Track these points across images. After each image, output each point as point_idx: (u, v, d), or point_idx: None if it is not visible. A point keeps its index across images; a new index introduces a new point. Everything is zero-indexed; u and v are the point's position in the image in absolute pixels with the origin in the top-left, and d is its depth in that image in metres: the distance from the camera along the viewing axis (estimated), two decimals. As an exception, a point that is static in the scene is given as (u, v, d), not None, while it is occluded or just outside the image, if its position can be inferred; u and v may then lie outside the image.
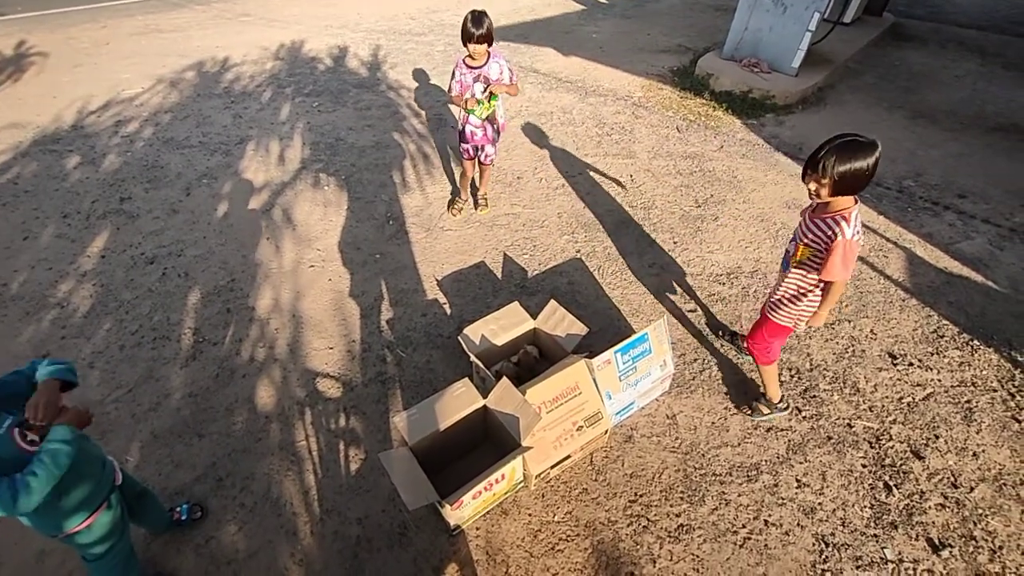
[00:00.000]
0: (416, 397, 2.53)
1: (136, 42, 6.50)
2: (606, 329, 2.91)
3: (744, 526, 2.12)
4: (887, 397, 2.61)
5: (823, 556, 2.03)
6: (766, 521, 2.14)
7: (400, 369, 2.70)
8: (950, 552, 2.03)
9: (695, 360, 2.78)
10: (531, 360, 2.57)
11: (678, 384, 2.65)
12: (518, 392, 2.06)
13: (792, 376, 2.70)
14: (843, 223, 1.84)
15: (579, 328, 2.47)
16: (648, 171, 4.25)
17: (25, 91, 5.24)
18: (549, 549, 2.05)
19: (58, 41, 6.40)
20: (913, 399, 2.60)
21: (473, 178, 3.74)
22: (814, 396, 2.61)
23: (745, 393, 2.61)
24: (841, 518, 2.14)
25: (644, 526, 2.12)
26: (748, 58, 5.65)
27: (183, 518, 2.06)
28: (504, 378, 2.13)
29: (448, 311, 3.03)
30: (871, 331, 2.95)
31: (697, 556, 2.03)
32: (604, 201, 3.91)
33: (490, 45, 2.98)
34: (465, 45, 2.96)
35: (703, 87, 5.55)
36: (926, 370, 2.74)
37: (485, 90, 3.05)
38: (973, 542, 2.07)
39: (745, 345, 2.49)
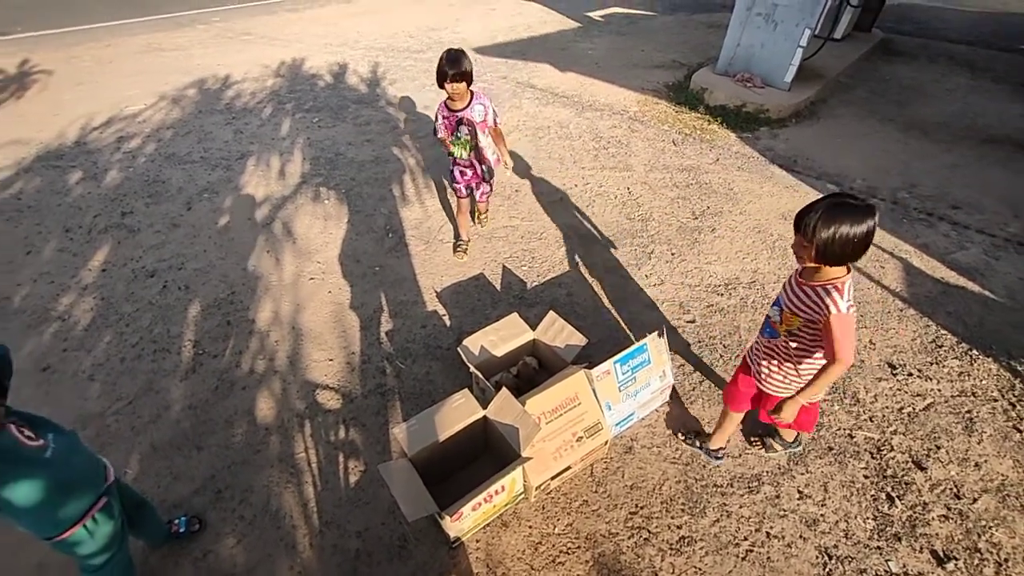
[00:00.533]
0: (415, 409, 2.52)
1: (139, 60, 6.59)
2: (605, 340, 2.92)
3: (746, 538, 2.10)
4: (887, 407, 2.61)
5: (827, 569, 2.01)
6: (768, 533, 2.12)
7: (399, 381, 2.70)
8: (955, 565, 2.01)
9: (694, 371, 2.78)
10: (530, 371, 2.57)
11: (677, 395, 2.65)
12: (518, 403, 2.06)
13: (792, 386, 2.70)
14: (835, 294, 1.58)
15: (578, 339, 2.47)
16: (645, 183, 4.29)
17: (28, 108, 5.30)
18: (550, 562, 2.03)
19: (61, 60, 6.49)
20: (913, 409, 2.60)
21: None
22: (814, 406, 2.61)
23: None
24: (844, 530, 2.13)
25: (645, 538, 2.10)
26: (741, 73, 5.75)
27: (181, 531, 2.04)
28: (504, 388, 2.13)
29: (447, 323, 3.03)
30: (870, 341, 2.96)
31: (699, 569, 2.02)
32: (602, 213, 3.94)
33: (470, 84, 2.82)
34: (442, 86, 2.79)
35: (698, 101, 5.64)
36: (926, 380, 2.74)
37: (469, 134, 2.93)
38: (978, 554, 2.05)
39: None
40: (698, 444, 2.39)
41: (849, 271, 1.63)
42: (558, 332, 2.52)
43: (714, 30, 8.15)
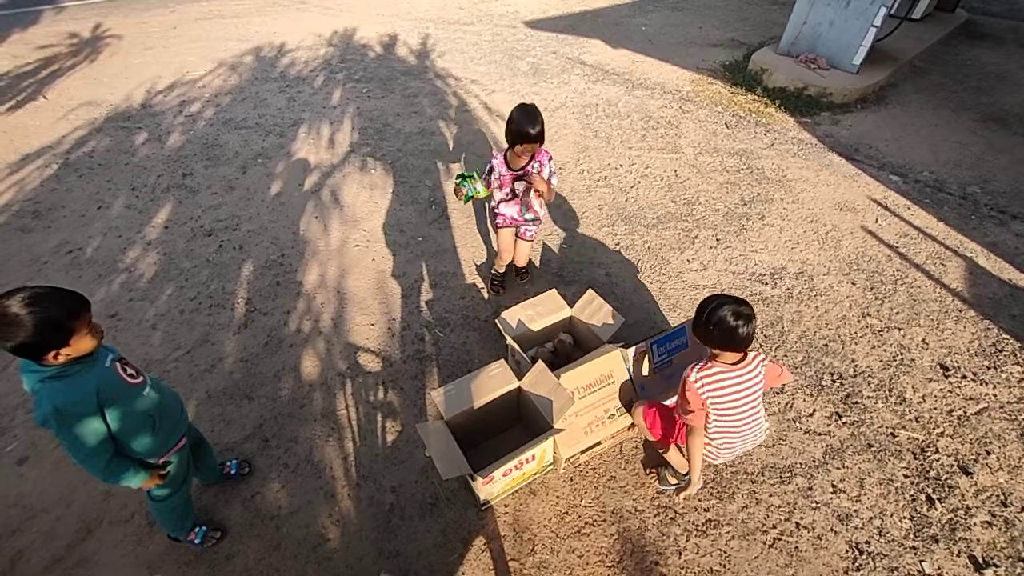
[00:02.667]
0: (451, 376, 2.60)
1: (201, 27, 6.81)
2: (642, 322, 2.90)
3: (775, 526, 2.10)
4: (936, 409, 2.51)
5: (856, 564, 1.99)
6: (798, 523, 2.10)
7: (437, 348, 2.78)
8: (994, 572, 1.95)
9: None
10: (567, 347, 2.60)
11: (713, 381, 2.62)
12: (553, 376, 2.10)
13: (834, 381, 2.63)
14: (695, 367, 1.81)
15: (615, 318, 2.47)
16: (693, 167, 4.17)
17: (101, 71, 5.59)
18: (575, 532, 2.08)
19: (131, 25, 6.77)
20: (964, 413, 2.49)
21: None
22: (856, 402, 2.53)
23: (781, 392, 2.56)
24: (878, 527, 2.09)
25: (671, 518, 2.12)
26: (805, 54, 5.45)
27: (232, 472, 2.20)
28: (540, 361, 2.17)
29: (485, 295, 3.08)
30: (923, 340, 2.83)
31: (724, 552, 2.03)
32: (646, 195, 3.87)
33: (542, 144, 2.42)
34: (512, 146, 2.39)
35: (756, 83, 5.39)
36: (981, 384, 2.62)
37: (525, 191, 2.60)
38: (1021, 563, 1.98)
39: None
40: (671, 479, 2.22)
41: (738, 363, 1.78)
42: (596, 311, 2.52)
43: (778, 7, 7.71)
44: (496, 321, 2.52)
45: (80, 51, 6.00)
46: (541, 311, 2.56)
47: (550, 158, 2.56)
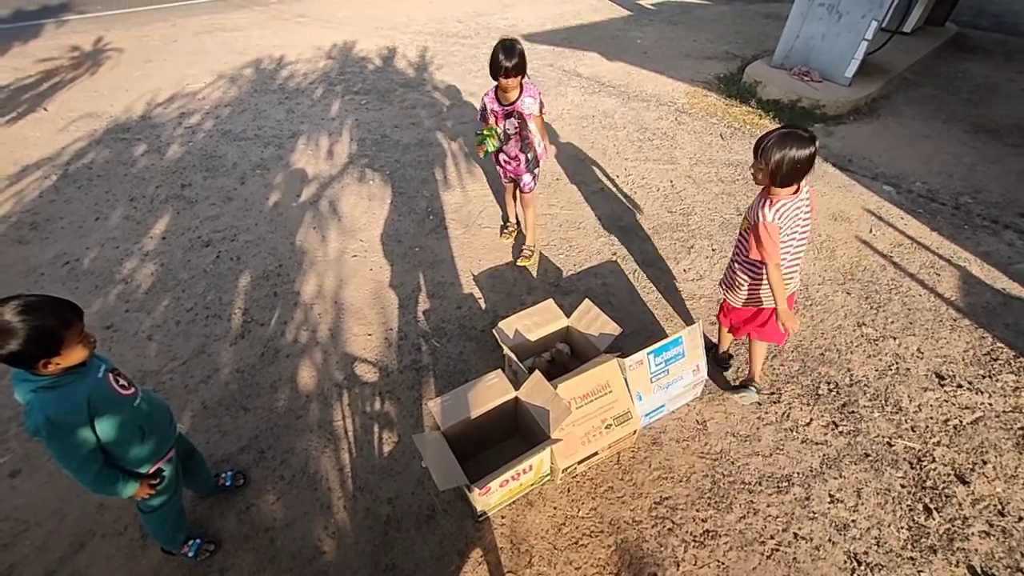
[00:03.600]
0: (448, 386, 2.60)
1: (201, 40, 6.88)
2: (639, 332, 2.91)
3: (772, 537, 2.09)
4: (932, 418, 2.52)
5: (855, 574, 1.98)
6: (795, 534, 2.10)
7: (434, 358, 2.78)
8: (993, 582, 1.95)
9: (729, 368, 2.74)
10: (564, 357, 2.60)
11: (710, 390, 2.63)
12: (550, 385, 2.10)
13: (831, 390, 2.64)
14: (767, 207, 1.95)
15: (612, 328, 2.48)
16: (689, 177, 4.21)
17: (101, 83, 5.64)
18: (573, 543, 2.07)
19: (132, 38, 6.84)
20: (960, 422, 2.50)
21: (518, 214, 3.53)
22: (852, 412, 2.54)
23: (779, 401, 2.57)
24: (876, 537, 2.08)
25: (669, 528, 2.11)
26: (799, 66, 5.53)
27: (227, 484, 2.18)
28: (536, 371, 2.17)
29: (483, 305, 3.09)
30: (918, 349, 2.85)
31: (722, 563, 2.02)
32: (642, 206, 3.90)
33: (524, 76, 2.65)
34: (496, 79, 2.62)
35: (750, 95, 5.46)
36: (976, 393, 2.62)
37: (518, 126, 2.81)
38: (1020, 573, 1.97)
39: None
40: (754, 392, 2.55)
41: (796, 192, 1.96)
42: (592, 320, 2.53)
43: (771, 21, 7.83)
44: (493, 331, 2.53)
45: (81, 64, 6.06)
46: (538, 321, 2.56)
47: (539, 92, 2.75)
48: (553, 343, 2.64)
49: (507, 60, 2.52)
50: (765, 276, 2.07)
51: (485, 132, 2.77)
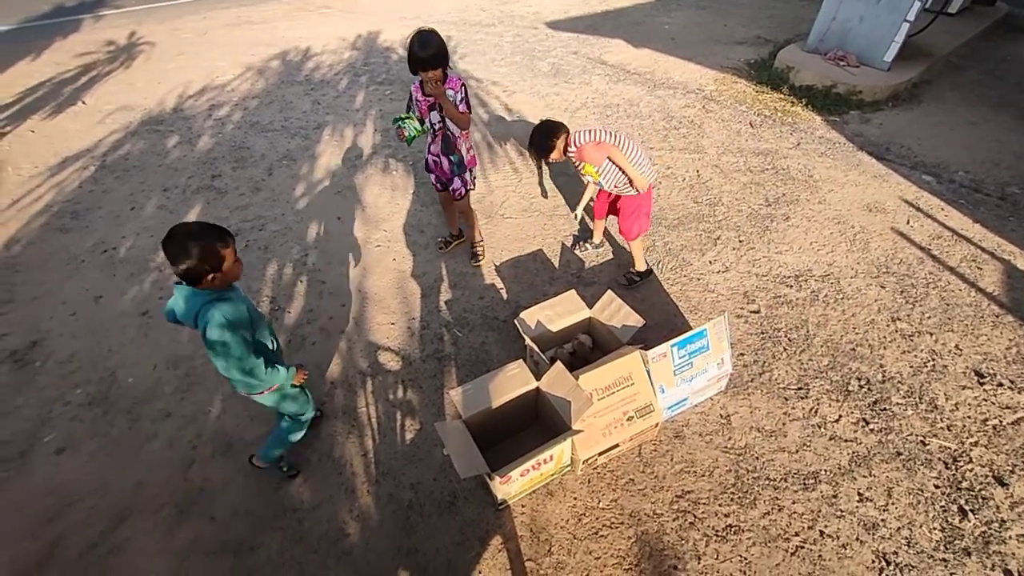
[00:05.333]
0: (470, 375, 2.62)
1: (230, 32, 7.00)
2: (662, 324, 2.88)
3: (797, 534, 2.05)
4: (969, 417, 2.42)
5: (883, 574, 1.93)
6: (822, 532, 2.06)
7: (456, 348, 2.80)
8: (1031, 587, 1.87)
9: (755, 362, 2.69)
10: (585, 349, 2.59)
11: (735, 384, 2.58)
12: (571, 377, 2.09)
13: (861, 387, 2.56)
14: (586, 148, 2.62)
15: (635, 320, 2.46)
16: (716, 167, 4.11)
17: (135, 77, 5.79)
18: (592, 533, 2.08)
19: (164, 32, 7.00)
20: (1000, 422, 2.40)
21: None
22: (884, 409, 2.46)
23: (806, 396, 2.51)
24: (906, 537, 2.03)
25: (690, 522, 2.10)
26: (834, 50, 5.31)
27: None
28: (558, 362, 2.17)
29: (504, 296, 3.09)
30: (956, 346, 2.74)
31: (745, 558, 1.99)
32: (667, 196, 3.83)
33: (445, 68, 2.51)
34: (414, 72, 2.50)
35: (782, 81, 5.28)
36: (1018, 392, 2.51)
37: (441, 121, 2.70)
38: (1060, 580, 1.90)
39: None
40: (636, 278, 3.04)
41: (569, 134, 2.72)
42: (615, 312, 2.51)
43: (806, 3, 7.53)
44: (515, 321, 2.53)
45: (116, 57, 6.23)
46: (560, 312, 2.55)
47: (463, 85, 2.64)
48: (575, 334, 2.63)
49: (422, 51, 2.39)
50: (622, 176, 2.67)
51: (403, 116, 2.61)
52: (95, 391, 2.62)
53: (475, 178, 3.08)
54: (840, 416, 2.44)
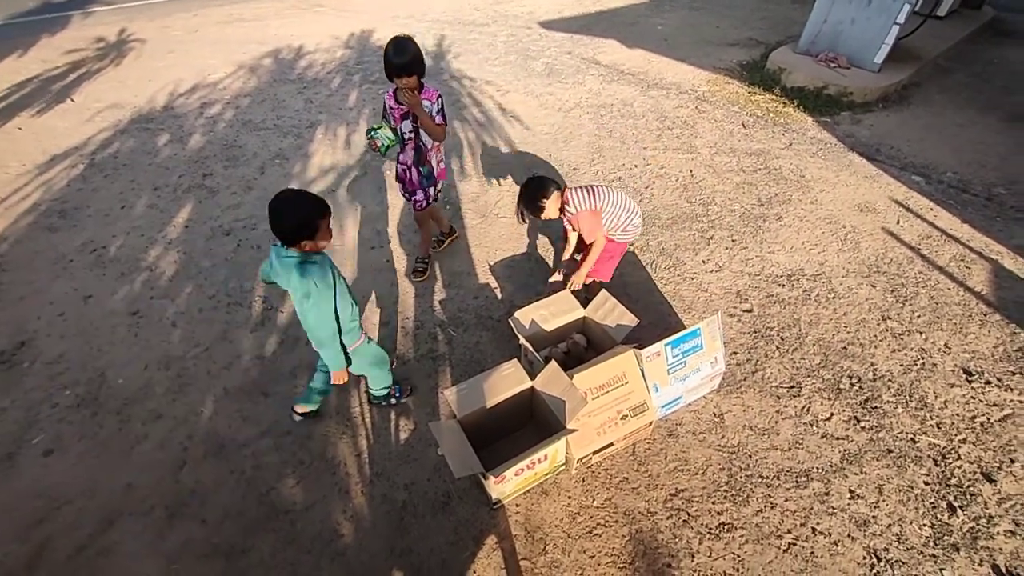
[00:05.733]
0: (464, 375, 2.61)
1: (221, 30, 6.94)
2: (656, 323, 2.89)
3: (790, 531, 2.07)
4: (958, 415, 2.45)
5: (874, 570, 1.95)
6: (814, 529, 2.07)
7: (450, 348, 2.79)
8: (1019, 582, 1.90)
9: (748, 360, 2.71)
10: (580, 349, 2.59)
11: (728, 383, 2.60)
12: (566, 376, 2.10)
13: (853, 385, 2.58)
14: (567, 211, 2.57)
15: (629, 319, 2.46)
16: (709, 167, 4.14)
17: (125, 74, 5.73)
18: (587, 532, 2.08)
19: (155, 29, 6.93)
20: (988, 419, 2.43)
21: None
22: (875, 407, 2.49)
23: (798, 395, 2.53)
24: (897, 534, 2.05)
25: (684, 520, 2.11)
26: (826, 52, 5.36)
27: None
28: (552, 361, 2.17)
29: (499, 295, 3.09)
30: (945, 345, 2.77)
31: (738, 556, 2.00)
32: (660, 195, 3.85)
33: (421, 76, 2.47)
34: (390, 80, 2.46)
35: (774, 82, 5.32)
36: (1006, 390, 2.55)
37: (413, 131, 2.65)
38: (1047, 574, 1.93)
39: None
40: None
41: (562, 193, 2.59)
42: (609, 311, 2.52)
43: (797, 5, 7.60)
44: (509, 321, 2.53)
45: (106, 55, 6.17)
46: (554, 311, 2.55)
47: (439, 96, 2.60)
48: (569, 333, 2.63)
49: (398, 58, 2.36)
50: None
51: (376, 126, 2.56)
52: (84, 392, 2.59)
53: (440, 192, 3.00)
54: (832, 414, 2.46)
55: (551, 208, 2.56)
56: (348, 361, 2.12)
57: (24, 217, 3.70)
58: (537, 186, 2.56)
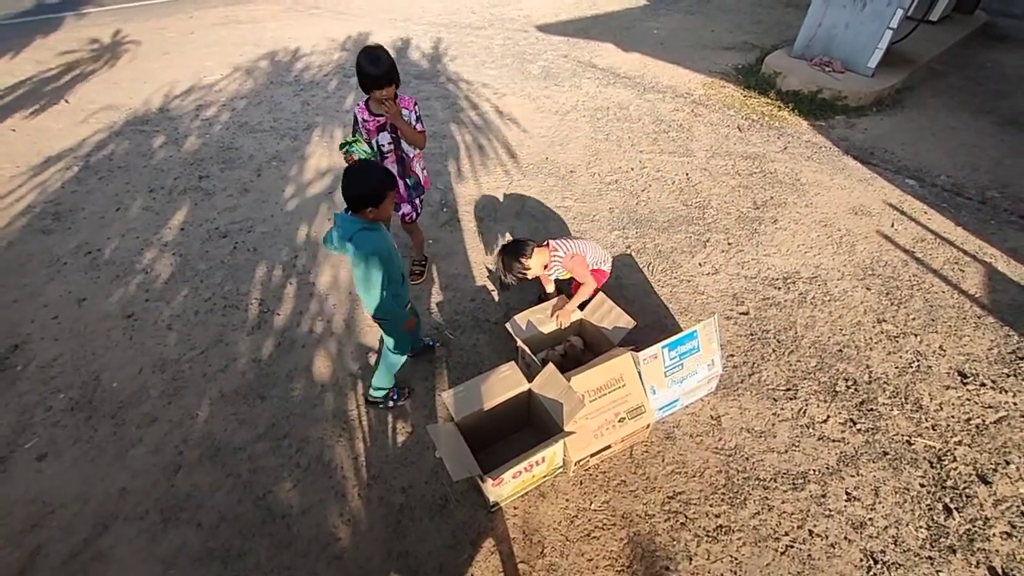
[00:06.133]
0: (462, 378, 2.60)
1: (217, 32, 6.93)
2: (653, 326, 2.89)
3: (787, 534, 2.07)
4: (953, 417, 2.47)
5: (871, 573, 1.95)
6: (811, 531, 2.08)
7: (447, 350, 2.79)
8: (1014, 583, 1.91)
9: (744, 363, 2.72)
10: (577, 351, 2.60)
11: (725, 386, 2.60)
12: (563, 378, 2.09)
13: (848, 387, 2.60)
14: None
15: (626, 321, 2.47)
16: (705, 170, 4.15)
17: (120, 76, 5.71)
18: (585, 535, 2.08)
19: (150, 31, 6.91)
20: (983, 421, 2.45)
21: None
22: (871, 409, 2.50)
23: (795, 397, 2.54)
24: (893, 536, 2.05)
25: (682, 523, 2.11)
26: (820, 56, 5.40)
27: (431, 344, 2.75)
28: (550, 364, 2.17)
29: (496, 298, 3.09)
30: (940, 347, 2.79)
31: (735, 558, 2.01)
32: (657, 198, 3.86)
33: (398, 85, 2.42)
34: (368, 92, 2.42)
35: (769, 86, 5.35)
36: (1000, 392, 2.56)
37: (392, 142, 2.60)
38: (1042, 576, 1.94)
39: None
40: None
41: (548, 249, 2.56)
42: (606, 314, 2.52)
43: (792, 9, 7.66)
44: (507, 325, 2.53)
45: (101, 56, 6.14)
46: (551, 314, 2.55)
47: (415, 103, 2.58)
48: (566, 336, 2.63)
49: (375, 69, 2.31)
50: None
51: (350, 140, 2.49)
52: (78, 396, 2.57)
53: (423, 201, 3.00)
54: (828, 416, 2.47)
55: (536, 267, 2.50)
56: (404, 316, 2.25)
57: (18, 219, 3.67)
58: (516, 250, 2.48)
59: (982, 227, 3.59)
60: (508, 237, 3.52)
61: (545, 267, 2.55)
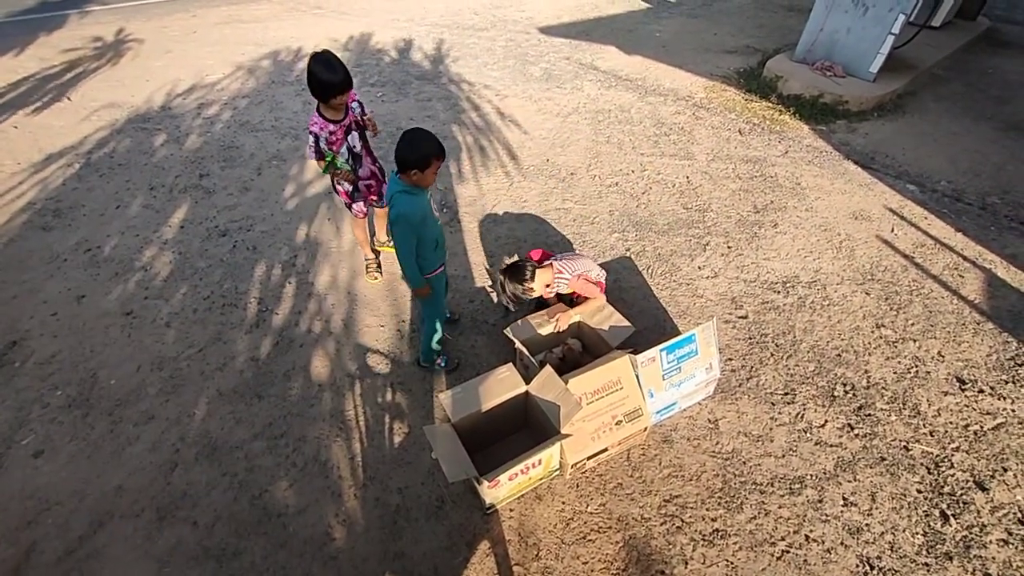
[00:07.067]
0: (459, 379, 2.60)
1: (220, 31, 6.94)
2: (651, 329, 2.89)
3: (783, 538, 2.07)
4: (951, 423, 2.46)
5: (867, 578, 1.95)
6: (807, 536, 2.07)
7: (447, 350, 2.78)
8: (1011, 591, 1.90)
9: (742, 367, 2.71)
10: (575, 354, 2.59)
11: (723, 389, 2.60)
12: (560, 380, 2.09)
13: (847, 392, 2.59)
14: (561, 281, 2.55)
15: (624, 324, 2.47)
16: (705, 173, 4.15)
17: (122, 74, 5.72)
18: (580, 538, 2.07)
19: (152, 29, 6.92)
20: (981, 427, 2.44)
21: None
22: (869, 415, 2.50)
23: (793, 402, 2.53)
24: (890, 542, 2.05)
25: (678, 526, 2.10)
26: (822, 61, 5.40)
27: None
28: (547, 366, 2.17)
29: (495, 299, 3.09)
30: (938, 353, 2.78)
31: (731, 563, 2.00)
32: (657, 201, 3.86)
33: (351, 88, 2.45)
34: (327, 102, 2.41)
35: (770, 90, 5.35)
36: (999, 398, 2.56)
37: (361, 138, 2.67)
38: (1038, 583, 1.93)
39: None
40: None
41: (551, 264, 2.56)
42: (605, 317, 2.52)
43: (795, 14, 7.66)
44: (506, 330, 2.52)
45: (103, 54, 6.15)
46: (550, 316, 2.55)
47: (358, 99, 2.65)
48: (565, 338, 2.63)
49: (334, 75, 2.32)
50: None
51: (328, 159, 2.52)
52: (75, 393, 2.57)
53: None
54: (826, 421, 2.47)
55: (538, 287, 2.49)
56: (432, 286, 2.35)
57: (18, 216, 3.67)
58: (518, 274, 2.48)
59: (982, 233, 3.59)
60: (508, 237, 3.52)
61: (547, 286, 2.55)
